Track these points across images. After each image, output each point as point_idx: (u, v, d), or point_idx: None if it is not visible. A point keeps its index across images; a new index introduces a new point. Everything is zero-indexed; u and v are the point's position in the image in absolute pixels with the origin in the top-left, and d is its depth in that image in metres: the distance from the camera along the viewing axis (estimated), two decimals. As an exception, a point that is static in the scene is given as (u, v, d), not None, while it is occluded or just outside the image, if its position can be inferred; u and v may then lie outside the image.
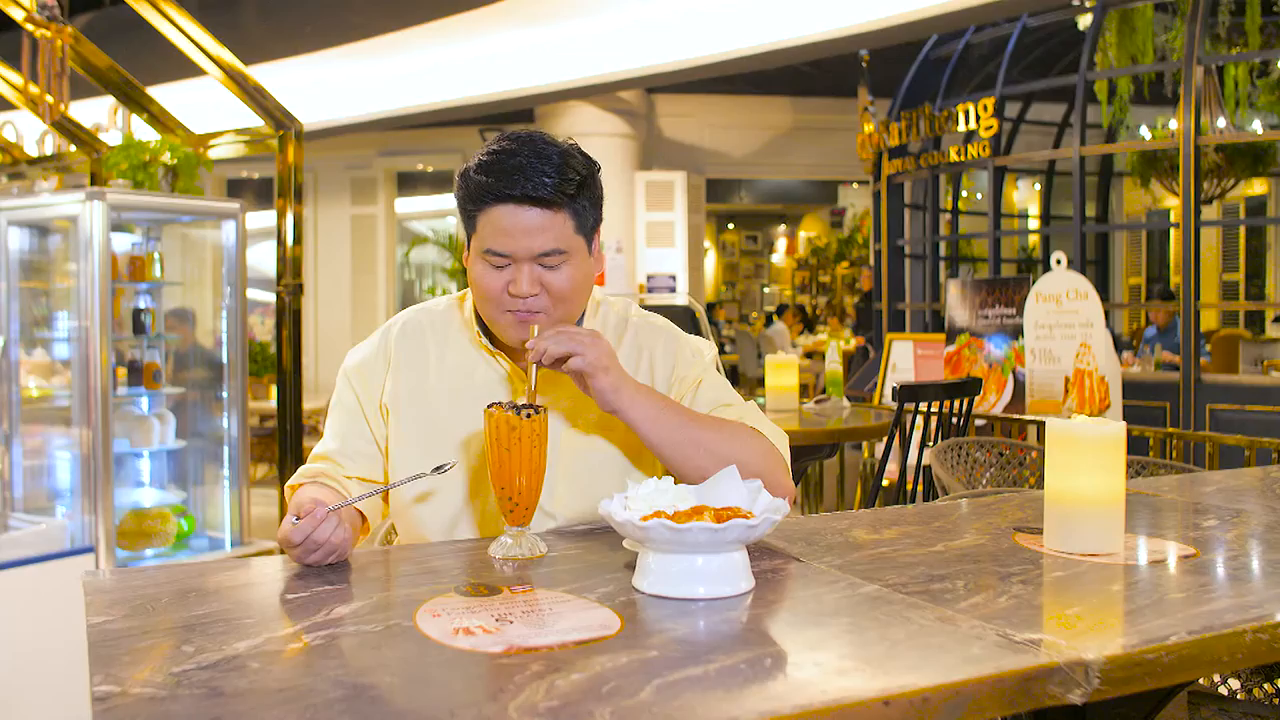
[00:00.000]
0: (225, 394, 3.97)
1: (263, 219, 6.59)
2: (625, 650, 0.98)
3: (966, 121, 6.40)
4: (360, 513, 1.49)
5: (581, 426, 1.52)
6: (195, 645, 1.01)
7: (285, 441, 4.24)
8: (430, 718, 0.84)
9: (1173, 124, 6.32)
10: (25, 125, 5.48)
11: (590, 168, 1.45)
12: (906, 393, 3.38)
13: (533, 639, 1.01)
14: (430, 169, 12.14)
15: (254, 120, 4.32)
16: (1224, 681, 1.81)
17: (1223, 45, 6.70)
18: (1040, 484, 1.40)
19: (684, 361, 1.58)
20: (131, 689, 0.90)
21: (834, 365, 4.51)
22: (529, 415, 1.32)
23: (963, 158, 6.64)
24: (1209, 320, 10.09)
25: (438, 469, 1.37)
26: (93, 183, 4.78)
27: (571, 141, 1.46)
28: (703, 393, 1.55)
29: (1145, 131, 7.27)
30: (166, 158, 4.28)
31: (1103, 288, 8.55)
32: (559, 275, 1.43)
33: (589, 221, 1.46)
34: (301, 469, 1.55)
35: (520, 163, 1.39)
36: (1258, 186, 10.24)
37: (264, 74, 4.87)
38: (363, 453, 1.55)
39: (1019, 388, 4.58)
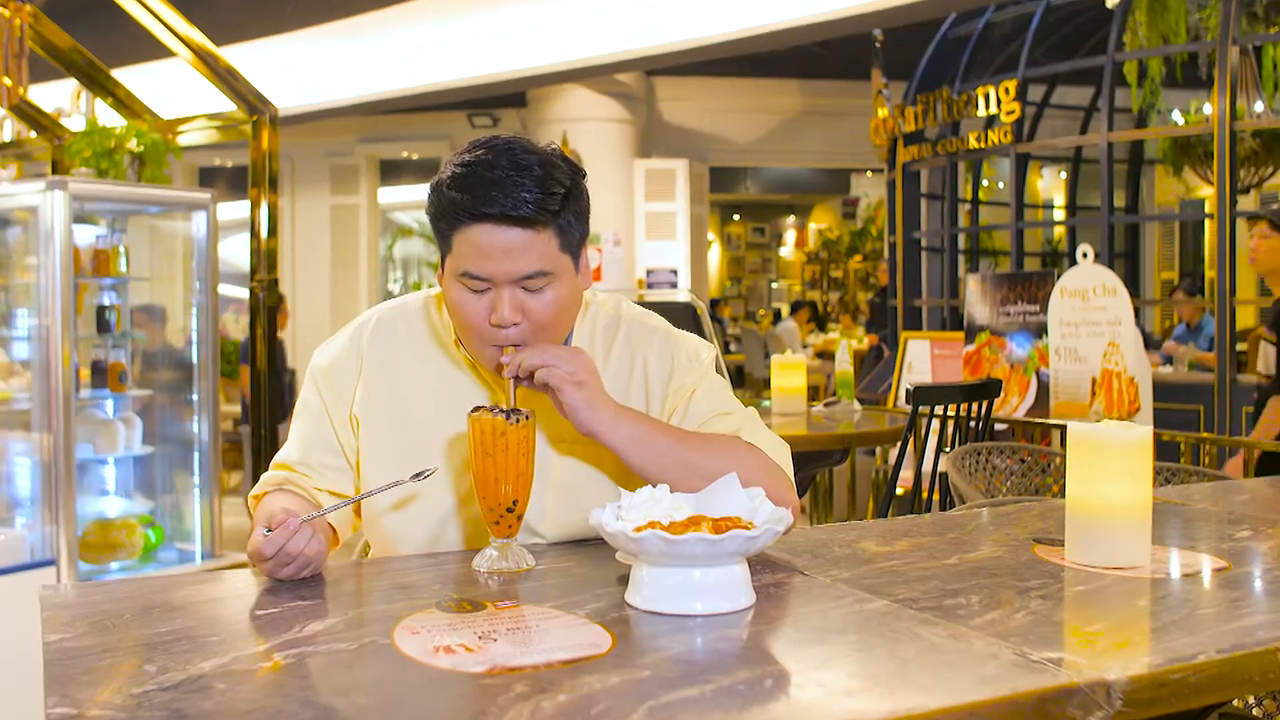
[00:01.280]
0: (196, 396, 3.97)
1: (236, 210, 6.60)
2: (616, 670, 0.98)
3: (987, 106, 6.40)
4: (330, 524, 1.48)
5: (570, 445, 1.49)
6: (158, 665, 1.01)
7: (259, 447, 4.24)
8: (407, 742, 0.84)
9: (1207, 108, 6.32)
10: (-18, 110, 5.48)
11: (575, 177, 1.40)
12: (922, 395, 3.38)
13: (518, 658, 1.01)
14: (415, 156, 12.13)
15: (226, 104, 4.32)
16: (1259, 704, 1.81)
17: (1260, 24, 6.70)
18: (1064, 492, 1.40)
19: (680, 369, 1.54)
20: (89, 711, 0.90)
21: (844, 366, 4.52)
22: (517, 420, 1.32)
23: (983, 144, 6.64)
24: (1245, 317, 10.08)
25: (417, 475, 1.36)
26: (54, 171, 4.77)
27: (553, 147, 1.41)
28: (697, 401, 1.52)
29: (1178, 116, 7.27)
30: (133, 145, 4.28)
31: (1132, 283, 8.55)
32: (542, 299, 1.39)
33: (575, 237, 1.41)
34: (265, 477, 1.53)
35: (498, 176, 1.33)
36: (1297, 175, 10.23)
37: (238, 55, 4.87)
38: (329, 465, 1.52)
39: (1042, 389, 4.57)
